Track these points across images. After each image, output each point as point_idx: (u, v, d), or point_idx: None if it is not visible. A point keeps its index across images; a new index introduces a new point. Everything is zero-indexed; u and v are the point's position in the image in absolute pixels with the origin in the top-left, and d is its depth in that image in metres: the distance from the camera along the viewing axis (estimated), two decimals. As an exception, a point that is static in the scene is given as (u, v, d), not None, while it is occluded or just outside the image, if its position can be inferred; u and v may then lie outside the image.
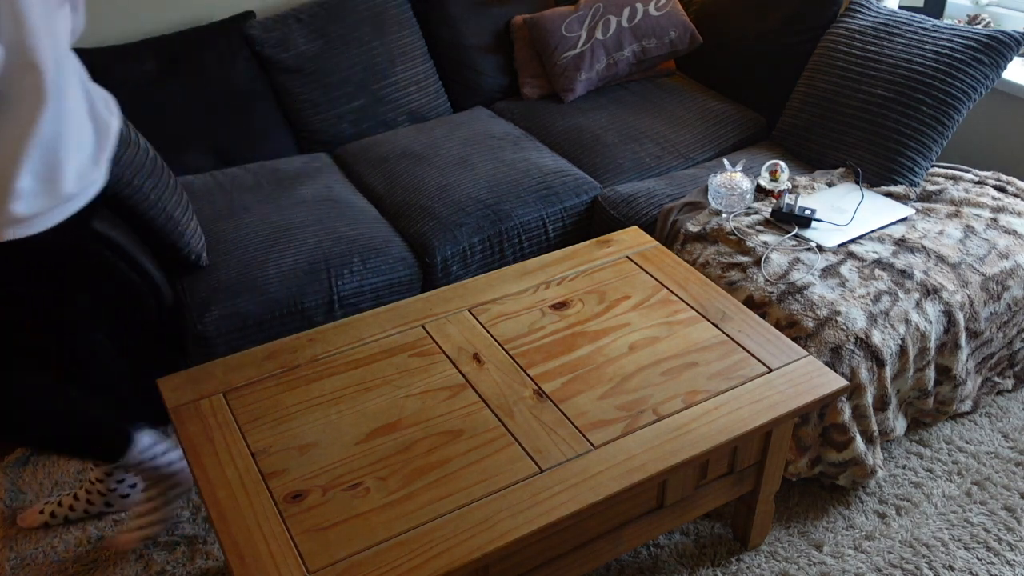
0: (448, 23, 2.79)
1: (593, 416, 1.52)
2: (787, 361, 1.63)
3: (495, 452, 1.45)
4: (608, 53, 2.74)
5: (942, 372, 1.97)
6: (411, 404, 1.55)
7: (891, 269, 1.94)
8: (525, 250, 2.34)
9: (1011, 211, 2.15)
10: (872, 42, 2.35)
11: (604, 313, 1.77)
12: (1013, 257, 2.01)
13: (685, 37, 2.80)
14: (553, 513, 1.34)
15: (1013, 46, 2.21)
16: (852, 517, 1.90)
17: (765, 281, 1.92)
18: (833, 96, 2.39)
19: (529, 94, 2.82)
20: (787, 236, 2.05)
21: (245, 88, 2.50)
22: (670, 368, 1.62)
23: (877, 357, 1.80)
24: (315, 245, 2.15)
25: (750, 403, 1.54)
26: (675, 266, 1.91)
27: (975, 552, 1.82)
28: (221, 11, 2.61)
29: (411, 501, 1.37)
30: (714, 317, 1.75)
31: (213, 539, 1.88)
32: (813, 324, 1.81)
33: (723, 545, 1.84)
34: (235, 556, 1.28)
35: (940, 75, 2.21)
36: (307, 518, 1.34)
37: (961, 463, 2.03)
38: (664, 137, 2.59)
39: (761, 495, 1.74)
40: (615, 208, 2.33)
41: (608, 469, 1.42)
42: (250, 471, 1.42)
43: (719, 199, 2.15)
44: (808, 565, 1.80)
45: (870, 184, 2.27)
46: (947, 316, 1.90)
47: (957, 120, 2.23)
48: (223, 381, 1.61)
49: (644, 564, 1.81)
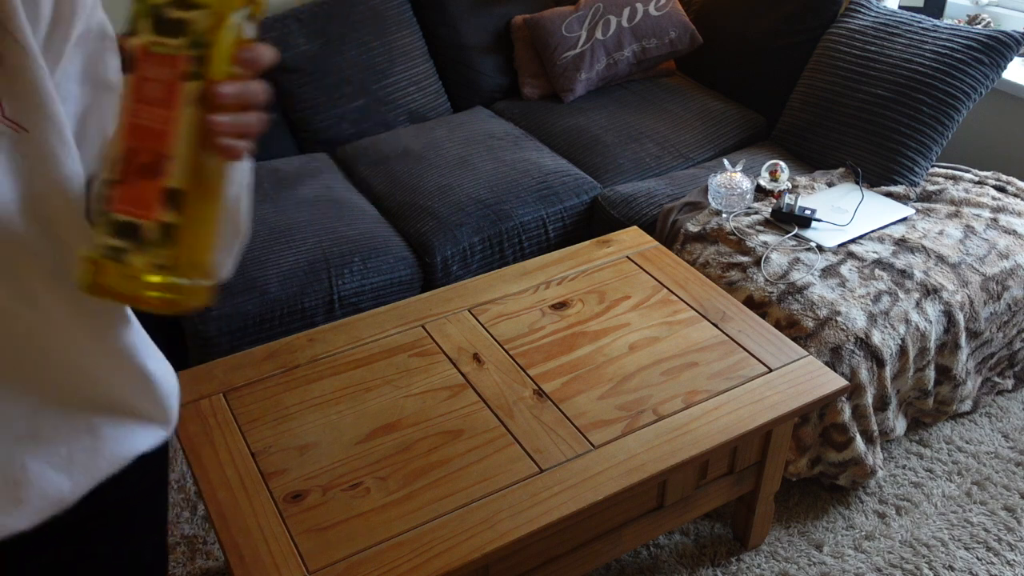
0: (448, 23, 2.79)
1: (593, 416, 1.52)
2: (787, 361, 1.63)
3: (495, 452, 1.45)
4: (608, 53, 2.74)
5: (942, 372, 1.97)
6: (411, 404, 1.55)
7: (891, 269, 1.94)
8: (525, 250, 2.34)
9: (1011, 211, 2.15)
10: (872, 42, 2.35)
11: (604, 313, 1.77)
12: (1013, 257, 2.01)
13: (685, 37, 2.80)
14: (553, 513, 1.34)
15: (1013, 46, 2.21)
16: (852, 517, 1.90)
17: (765, 281, 1.92)
18: (833, 96, 2.39)
19: (529, 94, 2.82)
20: (787, 236, 2.05)
21: (245, 88, 2.50)
22: (670, 368, 1.62)
23: (877, 357, 1.80)
24: (315, 245, 2.15)
25: (750, 403, 1.54)
26: (675, 266, 1.91)
27: (975, 552, 1.82)
28: (221, 11, 2.61)
29: (411, 501, 1.37)
30: (714, 317, 1.75)
31: (213, 539, 1.88)
32: (813, 324, 1.81)
33: (723, 545, 1.84)
34: (235, 556, 1.28)
35: (940, 75, 2.21)
36: (307, 518, 1.34)
37: (961, 463, 2.03)
38: (664, 137, 2.59)
39: (761, 495, 1.74)
40: (615, 208, 2.33)
41: (608, 469, 1.42)
42: (250, 471, 1.42)
43: (719, 199, 2.15)
44: (808, 565, 1.80)
45: (870, 184, 2.27)
46: (947, 316, 1.90)
47: (957, 120, 2.23)
48: (223, 381, 1.61)
49: (644, 564, 1.81)
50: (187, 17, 0.57)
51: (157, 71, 0.58)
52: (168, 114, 0.58)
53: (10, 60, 0.64)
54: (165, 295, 0.60)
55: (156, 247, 0.59)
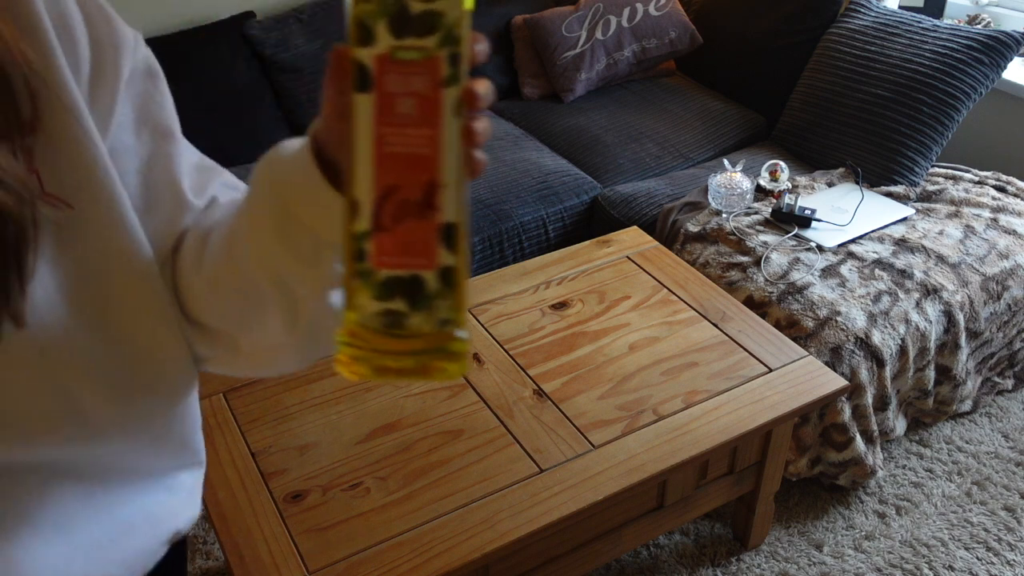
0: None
1: (593, 416, 1.52)
2: (787, 361, 1.63)
3: (495, 452, 1.45)
4: (608, 53, 2.74)
5: (942, 372, 1.97)
6: (411, 404, 1.55)
7: (891, 269, 1.94)
8: (525, 250, 2.34)
9: (1011, 211, 2.15)
10: (872, 42, 2.35)
11: (604, 313, 1.77)
12: (1013, 257, 2.01)
13: (685, 37, 2.80)
14: (553, 513, 1.34)
15: (1013, 46, 2.21)
16: (852, 517, 1.90)
17: (765, 281, 1.92)
18: (833, 96, 2.39)
19: (529, 94, 2.82)
20: (787, 236, 2.05)
21: (245, 88, 2.50)
22: (670, 368, 1.62)
23: (877, 357, 1.80)
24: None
25: (750, 403, 1.54)
26: (675, 266, 1.91)
27: (975, 552, 1.82)
28: (222, 11, 2.61)
29: (411, 501, 1.37)
30: (714, 317, 1.75)
31: (213, 539, 1.88)
32: (813, 324, 1.81)
33: (723, 545, 1.84)
34: (235, 556, 1.28)
35: (940, 75, 2.21)
36: (307, 518, 1.34)
37: (961, 463, 2.03)
38: (664, 137, 2.59)
39: (761, 495, 1.74)
40: (615, 208, 2.33)
41: (608, 469, 1.42)
42: (250, 471, 1.42)
43: (719, 199, 2.15)
44: (808, 565, 1.80)
45: (870, 184, 2.27)
46: (947, 316, 1.90)
47: (957, 120, 2.23)
48: (223, 381, 1.61)
49: (644, 564, 1.81)
50: (436, 8, 0.46)
51: (409, 82, 0.46)
52: (432, 133, 0.47)
53: (51, 123, 0.51)
54: (454, 361, 0.49)
55: (438, 299, 0.48)
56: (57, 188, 0.52)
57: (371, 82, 0.46)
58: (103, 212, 0.55)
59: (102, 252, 0.55)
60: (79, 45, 0.53)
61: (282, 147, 0.55)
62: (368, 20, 0.46)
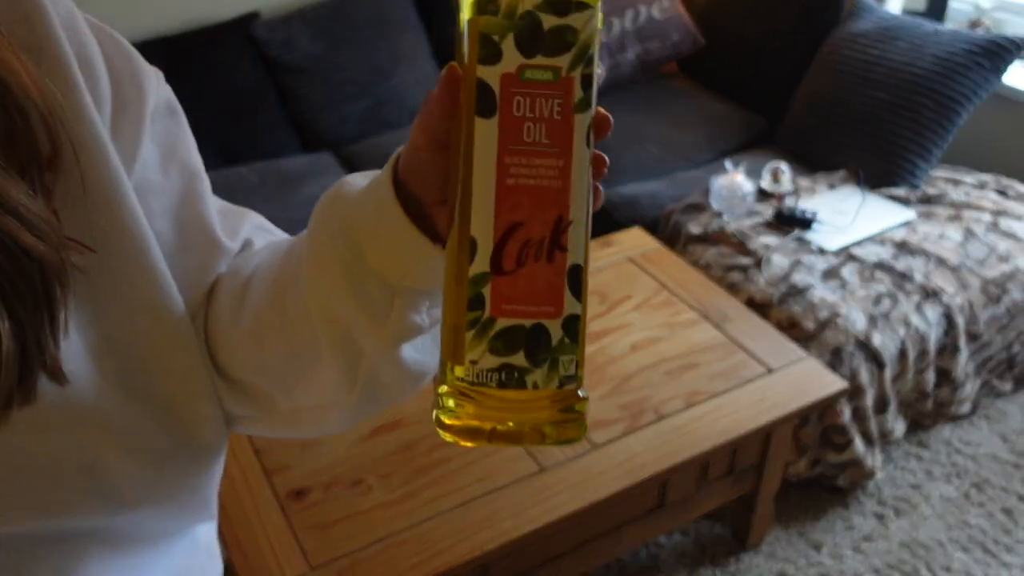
0: (453, 23, 2.79)
1: (594, 416, 1.53)
2: (787, 362, 1.64)
3: (496, 451, 1.46)
4: (611, 55, 2.75)
5: (942, 374, 1.98)
6: (413, 403, 1.56)
7: (892, 272, 1.95)
8: (527, 251, 2.34)
9: (1011, 215, 2.15)
10: (874, 46, 2.36)
11: (606, 314, 1.77)
12: (1013, 261, 2.02)
13: (688, 39, 2.81)
14: (554, 512, 1.35)
15: (1013, 51, 2.22)
16: (851, 518, 1.91)
17: (766, 283, 1.93)
18: (835, 99, 2.39)
19: (532, 95, 2.82)
20: (788, 238, 2.06)
21: (250, 88, 2.51)
22: (671, 368, 1.63)
23: (877, 359, 1.80)
24: (318, 244, 2.16)
25: (750, 404, 1.55)
26: (677, 267, 1.92)
27: (972, 554, 1.83)
28: (226, 12, 2.62)
29: (412, 499, 1.37)
30: (715, 318, 1.76)
31: (216, 536, 1.89)
32: (814, 326, 1.82)
33: (723, 545, 1.85)
34: (238, 553, 1.29)
35: (941, 79, 2.22)
36: (309, 515, 1.35)
37: (960, 465, 2.03)
38: (666, 139, 2.59)
39: (761, 495, 1.74)
40: (617, 209, 2.34)
41: (609, 469, 1.42)
42: (253, 468, 1.43)
43: (721, 201, 2.16)
44: (807, 565, 1.81)
45: (871, 187, 2.27)
46: (947, 319, 1.91)
47: (958, 124, 2.24)
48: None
49: (644, 564, 1.82)
50: (570, 23, 0.40)
51: (538, 105, 0.40)
52: (563, 163, 0.41)
53: (72, 161, 0.45)
54: (574, 423, 0.43)
55: (561, 352, 0.42)
56: (79, 232, 0.45)
57: (495, 105, 0.41)
58: (131, 258, 0.50)
59: (130, 303, 0.50)
60: (100, 82, 0.49)
61: (347, 183, 0.49)
62: (493, 34, 0.40)
